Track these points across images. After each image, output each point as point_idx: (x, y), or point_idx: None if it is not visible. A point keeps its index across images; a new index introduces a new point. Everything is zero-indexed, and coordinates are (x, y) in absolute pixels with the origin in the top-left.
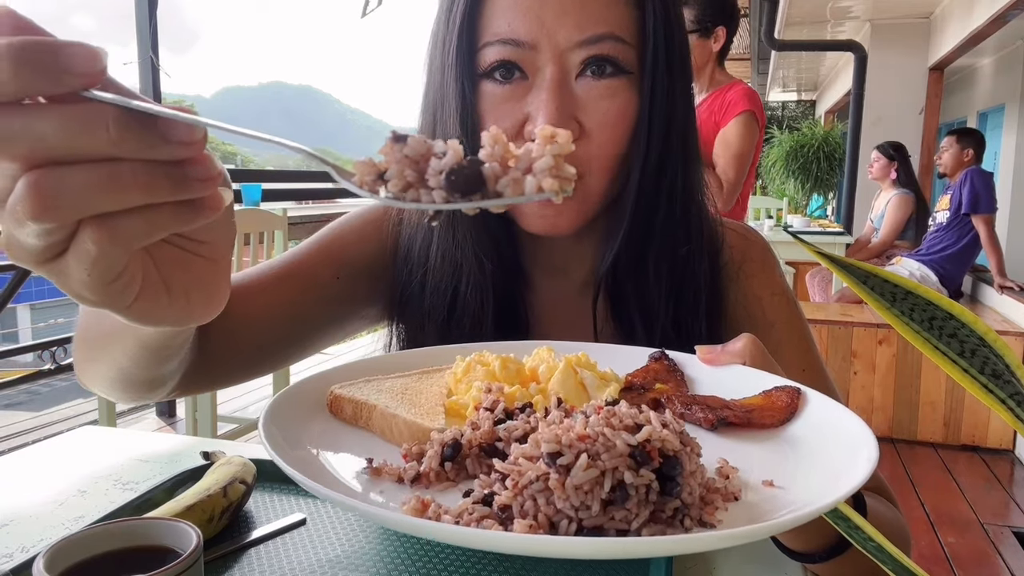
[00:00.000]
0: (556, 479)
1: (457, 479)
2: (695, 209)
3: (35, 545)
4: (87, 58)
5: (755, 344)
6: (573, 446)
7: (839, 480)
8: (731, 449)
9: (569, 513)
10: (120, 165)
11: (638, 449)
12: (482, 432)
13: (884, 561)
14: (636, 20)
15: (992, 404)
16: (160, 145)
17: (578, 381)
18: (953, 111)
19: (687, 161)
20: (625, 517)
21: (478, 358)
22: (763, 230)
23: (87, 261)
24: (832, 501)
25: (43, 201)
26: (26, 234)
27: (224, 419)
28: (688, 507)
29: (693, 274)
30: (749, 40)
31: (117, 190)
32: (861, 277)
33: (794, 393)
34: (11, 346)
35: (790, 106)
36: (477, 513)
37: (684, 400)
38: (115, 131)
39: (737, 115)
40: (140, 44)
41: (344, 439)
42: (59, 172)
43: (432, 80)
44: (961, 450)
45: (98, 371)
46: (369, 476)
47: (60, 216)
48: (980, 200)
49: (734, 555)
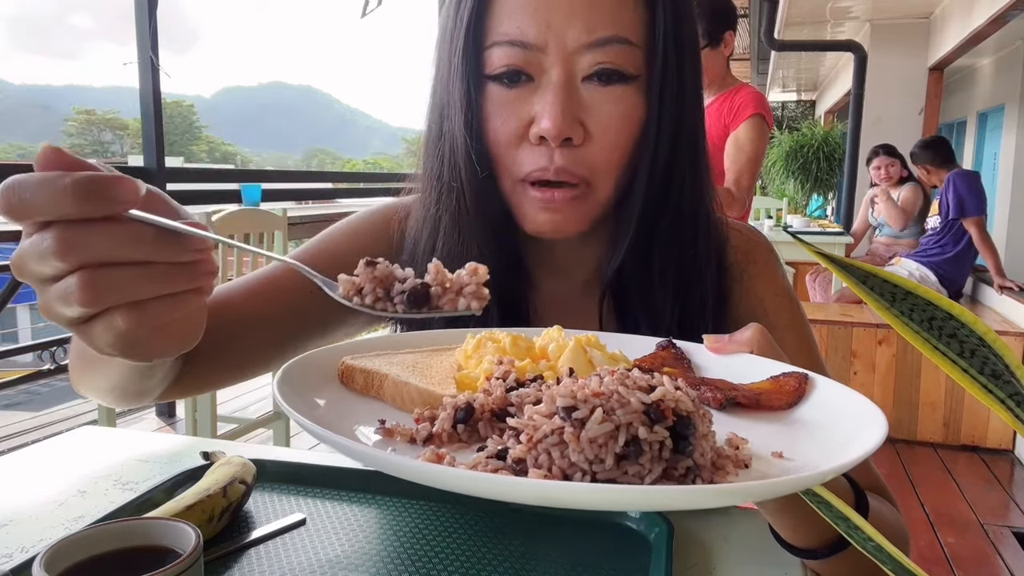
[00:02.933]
0: (571, 432)
1: (470, 441)
2: (703, 212)
3: (35, 545)
4: (130, 190)
5: (762, 334)
6: (588, 401)
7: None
8: (740, 426)
9: (583, 466)
10: (153, 267)
11: (652, 407)
12: (495, 397)
13: (884, 561)
14: (646, 22)
15: (992, 404)
16: (184, 253)
17: (587, 360)
18: (953, 111)
19: (695, 164)
20: (638, 472)
21: (488, 335)
22: (763, 230)
23: (115, 332)
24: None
25: (93, 293)
26: (69, 311)
27: (224, 419)
28: (700, 468)
29: (700, 277)
30: (749, 40)
31: (149, 284)
32: (861, 277)
33: (802, 378)
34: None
35: (790, 106)
36: (491, 466)
37: (692, 382)
38: (151, 244)
39: (747, 118)
40: (140, 44)
41: (356, 405)
42: (106, 272)
43: (439, 78)
44: (961, 450)
45: (91, 383)
46: (382, 436)
47: (102, 304)
48: (966, 203)
49: (734, 555)
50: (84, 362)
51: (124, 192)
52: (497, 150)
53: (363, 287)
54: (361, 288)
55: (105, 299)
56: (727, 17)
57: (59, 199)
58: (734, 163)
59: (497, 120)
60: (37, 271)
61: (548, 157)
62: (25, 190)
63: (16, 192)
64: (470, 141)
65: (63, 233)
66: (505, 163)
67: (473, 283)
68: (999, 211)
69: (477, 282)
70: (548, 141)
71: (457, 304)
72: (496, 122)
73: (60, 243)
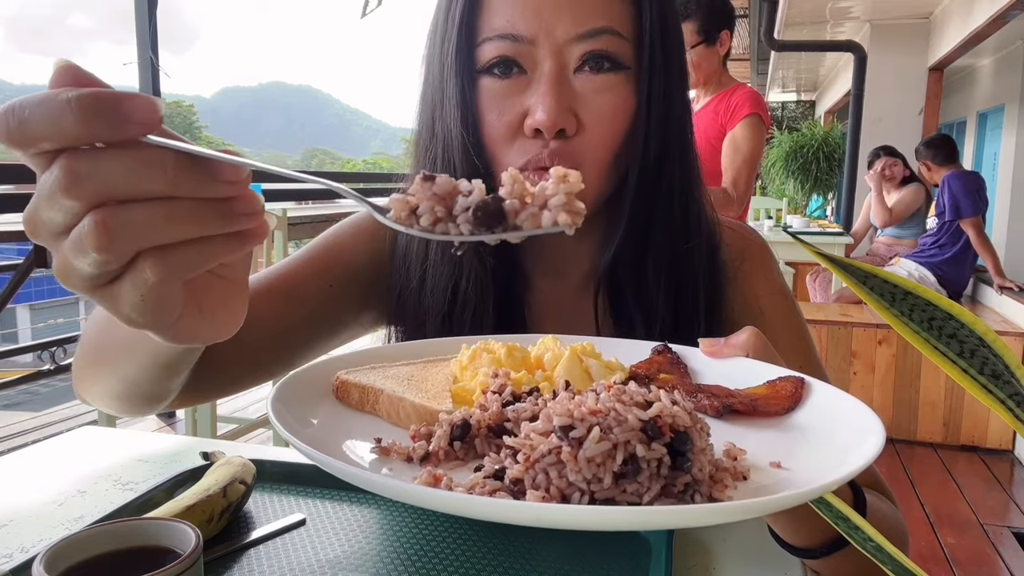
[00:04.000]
0: (568, 452)
1: (466, 459)
2: (693, 207)
3: (35, 545)
4: (146, 108)
5: (758, 337)
6: (585, 419)
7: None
8: (737, 435)
9: (581, 486)
10: (177, 203)
11: (650, 423)
12: (491, 413)
13: (884, 561)
14: (633, 16)
15: (992, 404)
16: (211, 184)
17: (583, 369)
18: (953, 111)
19: (684, 159)
20: (637, 490)
21: (483, 346)
22: (763, 230)
23: (143, 287)
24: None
25: (108, 235)
26: (86, 263)
27: (224, 419)
28: (699, 483)
29: (692, 272)
30: (748, 40)
31: (175, 225)
32: (861, 277)
33: (798, 383)
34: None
35: (790, 106)
36: (489, 487)
37: (689, 388)
38: (173, 173)
39: (744, 118)
40: (140, 44)
41: (351, 422)
42: (122, 209)
43: (430, 76)
44: (961, 450)
45: (102, 384)
46: (378, 455)
47: (122, 248)
48: (961, 205)
49: (734, 555)
50: (99, 355)
51: (137, 110)
52: (492, 145)
53: (419, 207)
54: (416, 208)
55: (123, 240)
56: (724, 15)
57: (62, 118)
58: (731, 163)
59: (492, 114)
60: (48, 219)
61: (542, 148)
62: (25, 109)
63: (15, 113)
64: (466, 136)
65: (70, 161)
66: (500, 158)
67: (561, 193)
68: (999, 211)
69: (568, 191)
70: (543, 133)
71: (541, 220)
72: (491, 116)
73: (67, 173)
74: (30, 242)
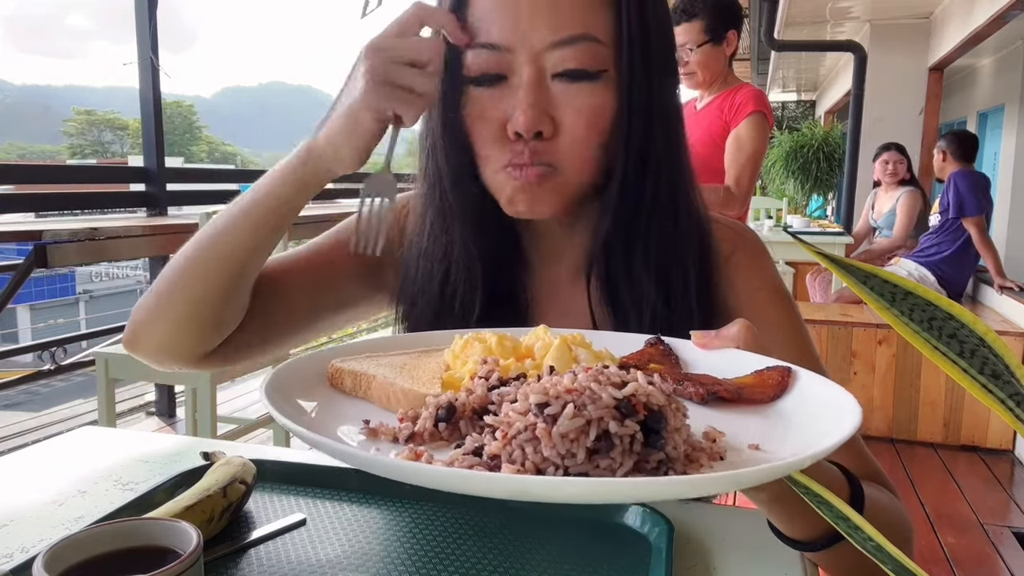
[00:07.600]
0: (543, 428)
1: (451, 439)
2: (682, 200)
3: (35, 545)
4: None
5: (749, 329)
6: (560, 397)
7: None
8: (721, 420)
9: (555, 461)
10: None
11: (623, 402)
12: (476, 396)
13: (884, 561)
14: (612, 21)
15: (992, 404)
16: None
17: (572, 357)
18: (953, 111)
19: (671, 154)
20: (609, 465)
21: (475, 336)
22: (763, 230)
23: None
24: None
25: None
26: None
27: (224, 419)
28: (672, 461)
29: (680, 260)
30: (749, 40)
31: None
32: (861, 277)
33: (785, 372)
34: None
35: (790, 106)
36: (467, 462)
37: (676, 377)
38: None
39: (748, 115)
40: (140, 44)
41: (343, 407)
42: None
43: None
44: (961, 450)
45: (170, 315)
46: (366, 436)
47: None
48: (965, 203)
49: (734, 555)
50: (179, 277)
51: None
52: (477, 148)
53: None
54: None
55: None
56: (731, 15)
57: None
58: (734, 160)
59: (476, 121)
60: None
61: (524, 147)
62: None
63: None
64: (448, 138)
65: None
66: (484, 157)
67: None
68: (999, 211)
69: None
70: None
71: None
72: (475, 122)
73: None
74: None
